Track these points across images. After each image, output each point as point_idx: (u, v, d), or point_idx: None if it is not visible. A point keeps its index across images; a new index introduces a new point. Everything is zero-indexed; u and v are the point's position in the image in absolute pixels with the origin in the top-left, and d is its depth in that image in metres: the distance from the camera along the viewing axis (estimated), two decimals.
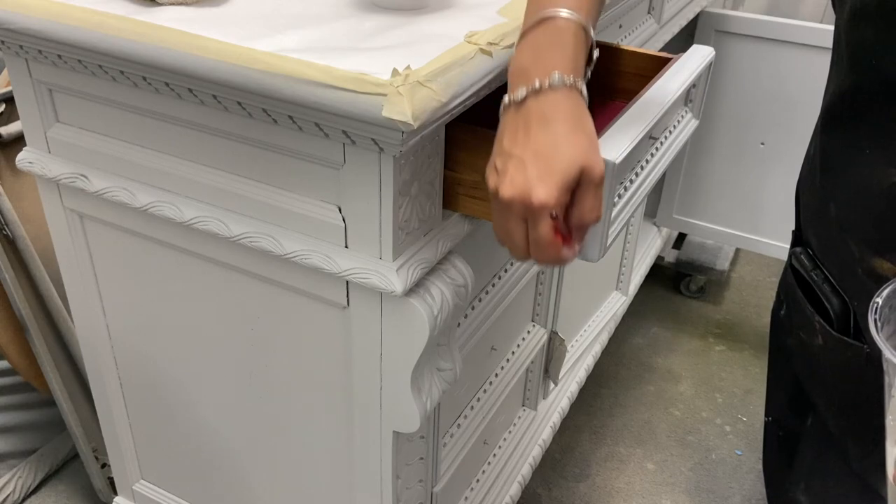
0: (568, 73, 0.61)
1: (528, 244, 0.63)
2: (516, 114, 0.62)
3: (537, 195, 0.59)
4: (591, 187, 0.61)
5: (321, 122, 0.69)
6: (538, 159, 0.60)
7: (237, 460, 1.05)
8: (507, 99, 0.63)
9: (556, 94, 0.61)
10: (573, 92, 0.61)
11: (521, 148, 0.61)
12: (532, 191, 0.59)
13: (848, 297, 0.77)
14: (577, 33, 0.63)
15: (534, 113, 0.61)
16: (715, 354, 1.96)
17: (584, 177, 0.60)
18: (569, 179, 0.60)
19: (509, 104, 0.63)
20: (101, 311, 1.03)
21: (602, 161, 0.61)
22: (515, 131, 0.62)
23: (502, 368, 1.18)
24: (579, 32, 0.63)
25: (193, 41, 0.69)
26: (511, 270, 1.06)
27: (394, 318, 0.78)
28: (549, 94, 0.61)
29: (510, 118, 0.63)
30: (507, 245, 0.65)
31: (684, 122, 0.92)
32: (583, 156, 0.60)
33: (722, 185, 1.92)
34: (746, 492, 1.60)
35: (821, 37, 1.65)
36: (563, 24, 0.62)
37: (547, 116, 0.60)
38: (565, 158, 0.59)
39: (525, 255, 0.65)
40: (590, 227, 0.64)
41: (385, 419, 0.85)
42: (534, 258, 0.65)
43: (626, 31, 1.26)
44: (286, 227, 0.79)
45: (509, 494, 1.27)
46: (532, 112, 0.61)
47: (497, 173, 0.62)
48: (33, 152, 0.92)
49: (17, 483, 1.46)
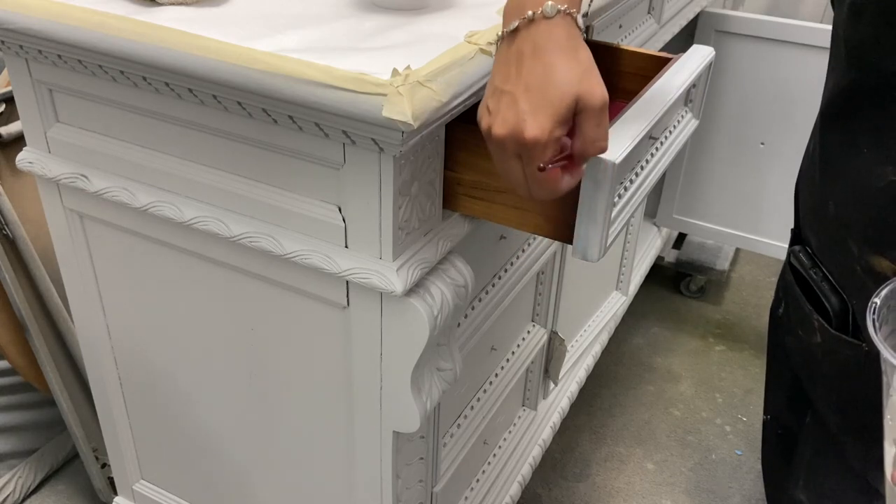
0: (562, 2, 0.58)
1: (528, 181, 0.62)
2: (508, 48, 0.60)
3: (529, 130, 0.57)
4: (590, 115, 0.58)
5: (321, 122, 0.69)
6: (530, 93, 0.58)
7: (237, 460, 1.05)
8: (501, 32, 0.61)
9: (549, 22, 0.58)
10: (567, 19, 0.58)
11: (513, 83, 0.59)
12: (523, 126, 0.57)
13: (846, 296, 0.77)
14: None
15: (526, 44, 0.58)
16: (715, 354, 1.96)
17: (581, 105, 0.58)
18: (562, 111, 0.57)
19: (502, 38, 0.61)
20: (101, 311, 1.03)
21: (602, 88, 0.59)
22: (507, 66, 0.60)
23: (502, 368, 1.18)
24: None
25: (193, 41, 0.69)
26: (511, 270, 1.06)
27: (394, 318, 0.78)
28: (542, 23, 0.58)
29: (502, 52, 0.60)
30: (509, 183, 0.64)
31: (684, 122, 0.92)
32: (577, 84, 0.57)
33: (722, 185, 1.92)
34: (746, 492, 1.60)
35: (821, 37, 1.65)
36: None
37: (539, 47, 0.58)
38: (558, 89, 0.57)
39: (528, 193, 0.63)
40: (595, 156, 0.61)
41: (385, 419, 0.85)
42: (533, 193, 0.63)
43: (626, 31, 1.26)
44: (286, 227, 0.79)
45: (509, 494, 1.27)
46: (524, 43, 0.59)
47: (489, 113, 0.60)
48: (33, 152, 0.92)
49: (17, 483, 1.46)
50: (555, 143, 0.59)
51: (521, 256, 1.08)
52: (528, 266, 1.10)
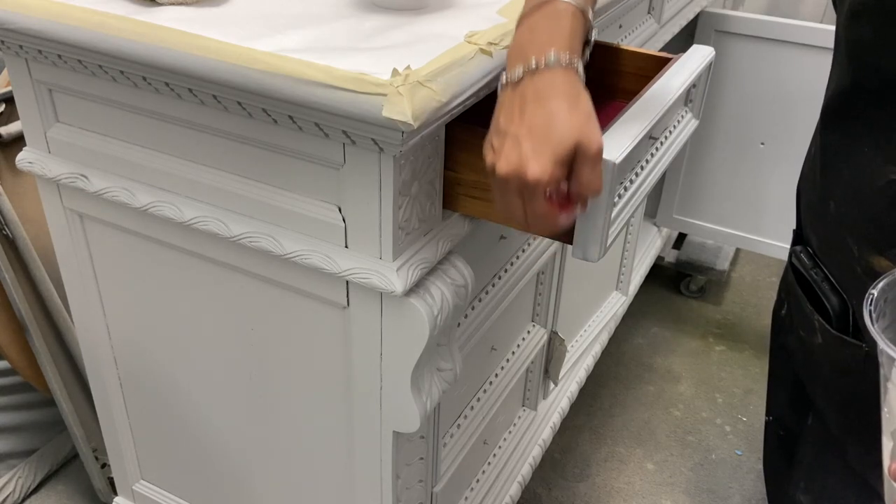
0: (564, 52, 0.61)
1: (527, 217, 0.64)
2: (513, 93, 0.63)
3: (532, 171, 0.60)
4: (587, 161, 0.61)
5: (321, 122, 0.69)
6: (532, 135, 0.60)
7: (237, 460, 1.05)
8: (505, 78, 0.64)
9: (552, 72, 0.61)
10: (569, 71, 0.62)
11: (517, 125, 0.61)
12: (526, 166, 0.60)
13: (847, 296, 0.77)
14: (574, 14, 0.64)
15: (529, 91, 0.61)
16: (715, 354, 1.96)
17: (579, 151, 0.61)
18: (563, 154, 0.60)
19: (506, 83, 0.63)
20: (101, 311, 1.03)
21: (599, 136, 0.61)
22: (511, 110, 0.62)
23: (502, 368, 1.18)
24: (577, 14, 0.64)
25: (193, 41, 0.69)
26: (511, 270, 1.06)
27: (394, 318, 0.78)
28: (546, 72, 0.61)
29: (507, 97, 0.63)
30: (509, 219, 0.67)
31: (684, 122, 0.92)
32: (577, 130, 0.60)
33: (722, 185, 1.92)
34: (746, 492, 1.60)
35: (821, 37, 1.65)
36: (561, 6, 0.64)
37: (542, 94, 0.61)
38: (559, 133, 0.60)
39: (526, 228, 0.66)
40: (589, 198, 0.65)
41: (385, 419, 0.85)
42: (533, 230, 0.67)
43: (626, 31, 1.26)
44: (286, 227, 0.79)
45: (509, 494, 1.27)
46: (528, 90, 0.62)
47: (493, 151, 0.63)
48: (33, 152, 0.92)
49: (17, 483, 1.46)
50: (555, 184, 0.61)
51: (521, 256, 1.08)
52: (528, 266, 1.10)
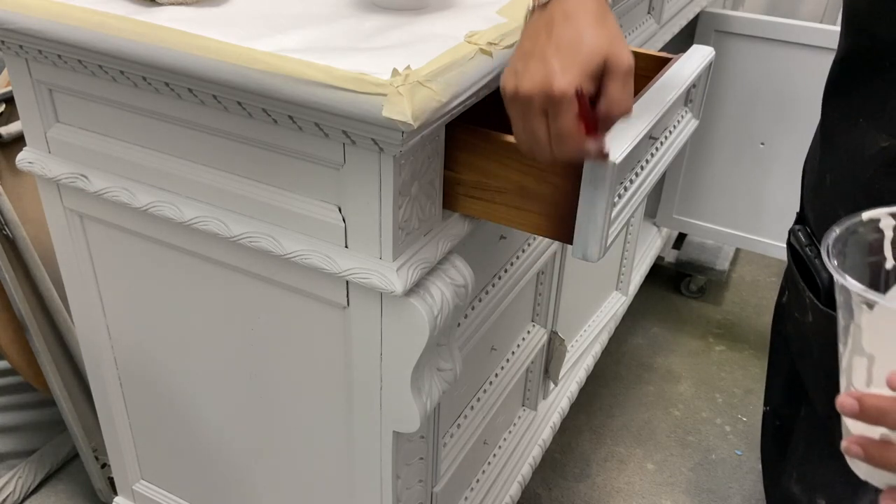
0: None
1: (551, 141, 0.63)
2: (540, 15, 0.62)
3: (558, 83, 0.59)
4: (617, 77, 0.60)
5: (321, 122, 0.69)
6: (560, 52, 0.60)
7: (237, 460, 1.05)
8: (532, 3, 0.64)
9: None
10: None
11: (543, 44, 0.61)
12: (553, 80, 0.59)
13: None
14: None
15: (558, 12, 0.61)
16: (715, 354, 1.96)
17: (609, 66, 0.60)
18: (592, 68, 0.59)
19: (534, 7, 0.63)
20: (101, 311, 1.03)
21: (629, 53, 0.61)
22: (538, 31, 0.62)
23: (502, 368, 1.18)
24: None
25: (193, 41, 0.69)
26: (511, 270, 1.06)
27: (394, 318, 0.78)
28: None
29: (533, 21, 0.63)
30: (531, 146, 0.65)
31: (684, 122, 0.92)
32: (607, 46, 0.60)
33: (722, 185, 1.92)
34: (746, 492, 1.60)
35: (821, 37, 1.65)
36: None
37: (571, 13, 0.61)
38: (588, 48, 0.59)
39: (549, 154, 0.64)
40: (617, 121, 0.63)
41: (385, 419, 0.85)
42: (556, 154, 0.64)
43: (626, 31, 1.26)
44: (286, 227, 0.79)
45: (509, 494, 1.27)
46: (556, 11, 0.61)
47: (516, 75, 0.62)
48: (33, 152, 0.92)
49: (17, 483, 1.46)
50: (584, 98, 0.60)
51: (521, 256, 1.08)
52: (528, 266, 1.10)
